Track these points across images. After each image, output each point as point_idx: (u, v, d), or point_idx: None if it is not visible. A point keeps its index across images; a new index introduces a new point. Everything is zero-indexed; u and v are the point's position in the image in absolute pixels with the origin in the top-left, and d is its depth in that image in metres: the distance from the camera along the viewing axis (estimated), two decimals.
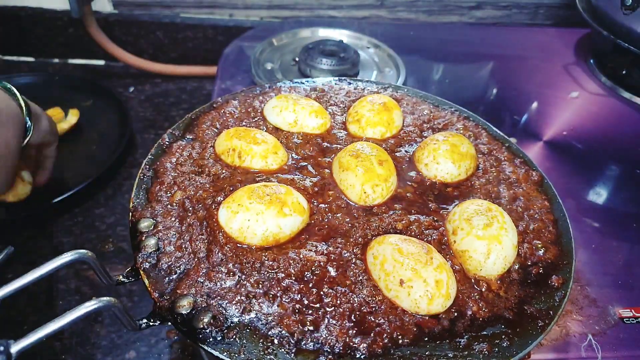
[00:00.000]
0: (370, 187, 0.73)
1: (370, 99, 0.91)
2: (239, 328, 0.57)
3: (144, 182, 0.74)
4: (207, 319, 0.57)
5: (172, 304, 0.58)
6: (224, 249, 0.64)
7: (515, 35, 1.61)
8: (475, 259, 0.65)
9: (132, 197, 0.71)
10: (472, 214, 0.68)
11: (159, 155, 0.79)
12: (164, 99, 1.53)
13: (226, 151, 0.79)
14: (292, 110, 0.88)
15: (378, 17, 1.70)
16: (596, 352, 0.75)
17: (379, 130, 0.88)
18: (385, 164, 0.76)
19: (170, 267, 0.63)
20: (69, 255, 0.58)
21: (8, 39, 1.60)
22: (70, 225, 1.10)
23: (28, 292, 0.96)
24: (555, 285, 0.65)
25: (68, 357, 0.88)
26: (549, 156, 1.12)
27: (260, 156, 0.77)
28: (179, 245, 0.65)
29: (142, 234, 0.66)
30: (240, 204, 0.66)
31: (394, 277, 0.61)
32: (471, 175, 0.81)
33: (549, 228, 0.73)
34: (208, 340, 0.56)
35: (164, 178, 0.74)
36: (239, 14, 1.65)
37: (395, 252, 0.62)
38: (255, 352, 0.55)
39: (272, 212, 0.65)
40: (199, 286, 0.60)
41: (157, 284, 0.61)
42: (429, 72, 1.41)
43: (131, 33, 1.60)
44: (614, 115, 1.28)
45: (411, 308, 0.60)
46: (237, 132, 0.81)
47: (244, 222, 0.65)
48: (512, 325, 0.61)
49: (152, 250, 0.64)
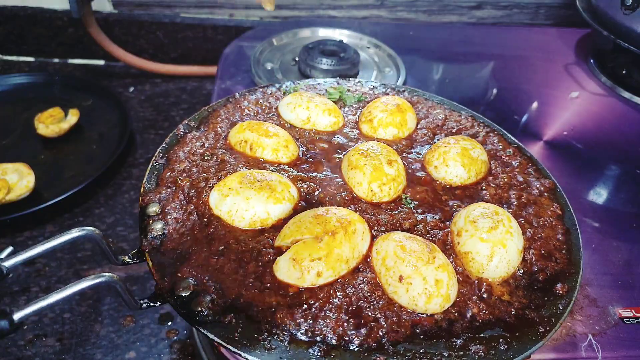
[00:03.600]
0: (377, 185, 0.74)
1: (384, 99, 0.91)
2: (235, 313, 0.58)
3: (156, 169, 0.77)
4: (205, 303, 0.58)
5: (173, 286, 0.60)
6: (219, 233, 0.66)
7: (516, 35, 1.61)
8: (477, 261, 0.65)
9: (144, 182, 0.74)
10: (478, 216, 0.68)
11: (173, 144, 0.81)
12: (164, 99, 1.53)
13: (238, 143, 0.81)
14: (305, 107, 0.89)
15: (378, 17, 1.70)
16: (596, 352, 0.75)
17: (390, 132, 0.88)
18: (394, 164, 0.76)
19: (173, 250, 0.64)
20: (76, 232, 0.62)
21: (8, 39, 1.60)
22: (70, 225, 1.10)
23: (27, 293, 0.96)
24: (560, 293, 0.65)
25: (68, 357, 0.88)
26: (549, 156, 1.12)
27: (272, 149, 0.79)
28: (181, 232, 0.67)
29: (149, 217, 0.68)
30: (231, 188, 0.68)
31: (394, 272, 0.61)
32: (481, 179, 0.81)
33: (558, 236, 0.73)
34: (205, 323, 0.57)
35: (175, 165, 0.77)
36: (239, 14, 1.65)
37: (398, 249, 0.62)
38: (250, 337, 0.56)
39: (261, 197, 0.67)
40: (199, 270, 0.62)
41: (159, 267, 0.63)
42: (429, 72, 1.41)
43: (131, 33, 1.60)
44: (614, 115, 1.28)
45: (409, 305, 0.60)
46: (250, 125, 0.83)
47: (233, 205, 0.67)
48: (511, 329, 0.60)
49: (157, 234, 0.66)
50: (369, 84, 1.03)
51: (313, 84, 1.01)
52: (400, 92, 1.02)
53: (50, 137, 1.25)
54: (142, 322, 0.94)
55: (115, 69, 1.64)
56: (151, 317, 0.95)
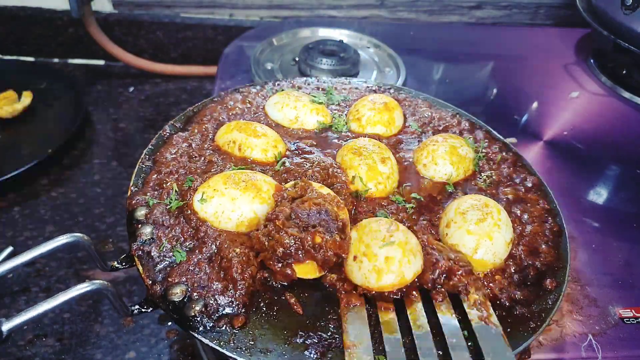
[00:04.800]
0: (373, 185, 0.74)
1: (371, 98, 0.91)
2: (229, 318, 0.58)
3: (142, 171, 0.75)
4: (199, 307, 0.58)
5: (165, 292, 0.59)
6: (209, 235, 0.64)
7: (516, 35, 1.61)
8: (463, 253, 0.66)
9: (130, 185, 0.72)
10: (468, 208, 0.69)
11: (159, 146, 0.80)
12: (164, 98, 1.53)
13: (226, 143, 0.80)
14: (293, 107, 0.88)
15: (378, 17, 1.70)
16: (596, 352, 0.75)
17: (379, 130, 0.88)
18: (387, 162, 0.76)
19: (163, 255, 0.63)
20: (64, 238, 0.61)
21: (8, 39, 1.60)
22: (70, 226, 1.10)
23: (27, 293, 0.96)
24: (549, 288, 0.66)
25: (68, 357, 0.88)
26: (550, 156, 1.12)
27: (261, 149, 0.78)
28: (170, 236, 0.65)
29: (138, 222, 0.67)
30: (216, 189, 0.67)
31: (351, 253, 0.62)
32: (470, 176, 0.82)
33: (545, 232, 0.73)
34: (198, 328, 0.57)
35: (162, 168, 0.75)
36: (239, 14, 1.65)
37: (361, 231, 0.63)
38: (245, 341, 0.56)
39: (247, 197, 0.66)
40: (190, 275, 0.61)
41: (150, 271, 0.62)
42: (429, 72, 1.41)
43: (131, 33, 1.60)
44: (614, 115, 1.28)
45: (363, 283, 0.61)
46: (237, 125, 0.81)
47: (219, 206, 0.66)
48: (502, 324, 0.60)
49: (147, 238, 0.65)
50: (355, 82, 1.03)
51: (297, 83, 1.00)
52: (387, 89, 1.02)
53: (4, 117, 1.29)
54: (142, 322, 0.94)
55: (115, 69, 1.63)
56: (151, 317, 0.95)
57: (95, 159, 1.29)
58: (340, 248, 0.60)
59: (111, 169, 1.26)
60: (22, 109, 1.31)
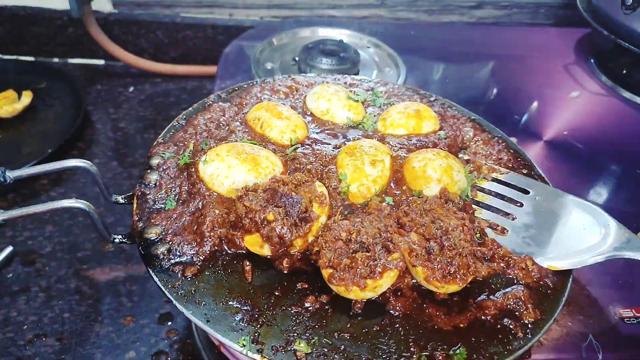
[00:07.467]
0: (356, 187, 0.73)
1: (408, 104, 0.90)
2: (183, 265, 0.63)
3: (174, 128, 0.84)
4: (163, 249, 0.64)
5: (143, 229, 0.66)
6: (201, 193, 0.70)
7: (516, 35, 1.61)
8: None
9: (160, 137, 0.81)
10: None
11: (198, 110, 0.88)
12: (164, 98, 1.53)
13: (253, 119, 0.85)
14: (327, 99, 0.90)
15: (378, 17, 1.70)
16: (597, 352, 0.75)
17: (399, 132, 0.86)
18: (377, 164, 0.74)
19: (157, 200, 0.71)
20: (75, 162, 0.70)
21: (8, 39, 1.60)
22: (70, 225, 1.10)
23: (27, 293, 0.96)
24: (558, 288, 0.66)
25: (68, 357, 0.88)
26: (550, 156, 1.12)
27: (280, 131, 0.81)
28: (170, 186, 0.73)
29: (150, 168, 0.75)
30: (218, 154, 0.73)
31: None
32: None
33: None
34: (155, 266, 0.62)
35: (189, 128, 0.83)
36: (239, 13, 1.65)
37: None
38: (187, 289, 0.60)
39: (243, 168, 0.71)
40: (170, 221, 0.67)
41: (141, 211, 0.69)
42: (429, 72, 1.41)
43: (131, 32, 1.60)
44: (614, 115, 1.28)
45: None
46: (267, 105, 0.86)
47: (215, 170, 0.71)
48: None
49: (150, 183, 0.73)
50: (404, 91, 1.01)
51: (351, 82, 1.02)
52: (431, 101, 0.98)
53: (4, 117, 1.30)
54: (142, 322, 0.94)
55: (115, 68, 1.63)
56: (151, 317, 0.95)
57: (95, 159, 1.29)
58: (289, 232, 0.62)
59: (111, 169, 1.26)
60: (22, 108, 1.32)
